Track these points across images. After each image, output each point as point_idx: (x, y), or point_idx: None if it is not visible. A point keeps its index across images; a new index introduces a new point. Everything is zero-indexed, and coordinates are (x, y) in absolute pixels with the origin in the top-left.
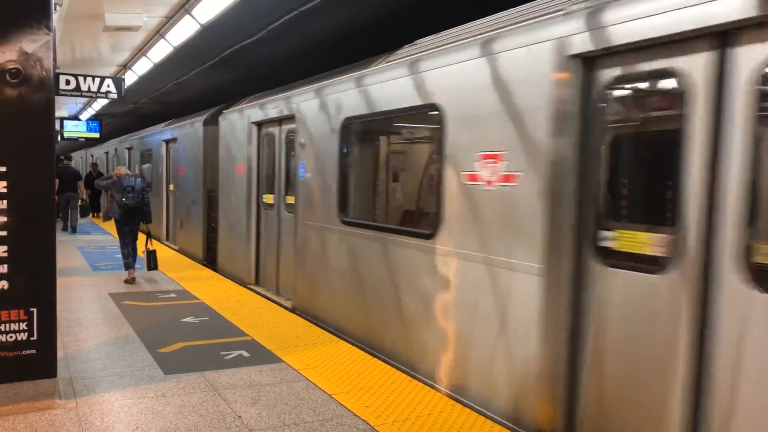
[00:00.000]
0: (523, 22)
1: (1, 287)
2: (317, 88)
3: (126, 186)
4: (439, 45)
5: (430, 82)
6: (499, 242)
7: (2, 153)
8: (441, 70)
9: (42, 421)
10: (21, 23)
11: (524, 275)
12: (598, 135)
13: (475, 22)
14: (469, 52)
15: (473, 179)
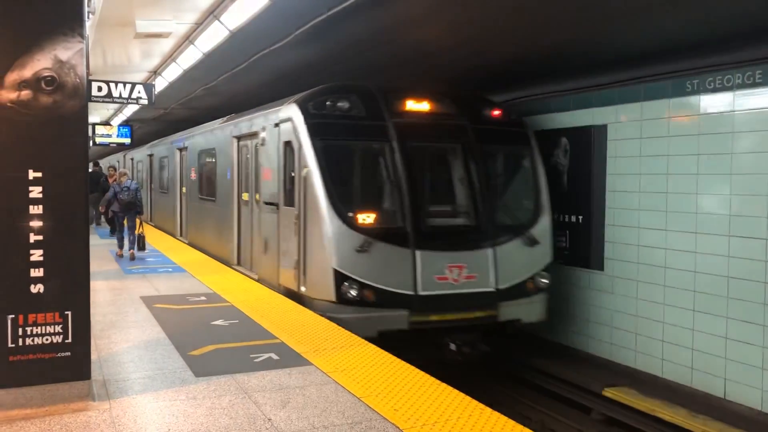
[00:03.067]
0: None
1: (36, 290)
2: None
3: (123, 187)
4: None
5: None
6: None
7: (38, 159)
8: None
9: (77, 423)
10: (55, 31)
11: (271, 214)
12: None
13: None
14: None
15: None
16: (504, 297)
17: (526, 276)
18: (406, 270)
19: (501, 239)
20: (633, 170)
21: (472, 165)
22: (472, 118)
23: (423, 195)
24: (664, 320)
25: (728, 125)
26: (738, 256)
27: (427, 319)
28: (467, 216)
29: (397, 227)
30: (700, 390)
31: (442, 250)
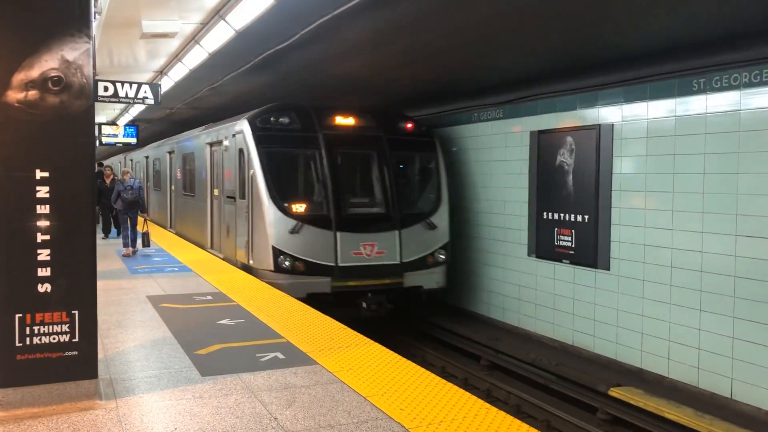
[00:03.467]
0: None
1: (44, 290)
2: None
3: (126, 186)
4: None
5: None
6: (229, 192)
7: (45, 159)
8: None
9: (84, 422)
10: (62, 32)
11: (231, 206)
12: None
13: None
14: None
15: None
16: (408, 268)
17: (426, 252)
18: (328, 247)
19: (406, 224)
20: (639, 170)
21: (384, 167)
22: (387, 130)
23: (344, 190)
24: (670, 320)
25: (735, 124)
26: (745, 255)
27: (346, 284)
28: (379, 206)
29: (322, 214)
30: (706, 390)
31: (357, 231)
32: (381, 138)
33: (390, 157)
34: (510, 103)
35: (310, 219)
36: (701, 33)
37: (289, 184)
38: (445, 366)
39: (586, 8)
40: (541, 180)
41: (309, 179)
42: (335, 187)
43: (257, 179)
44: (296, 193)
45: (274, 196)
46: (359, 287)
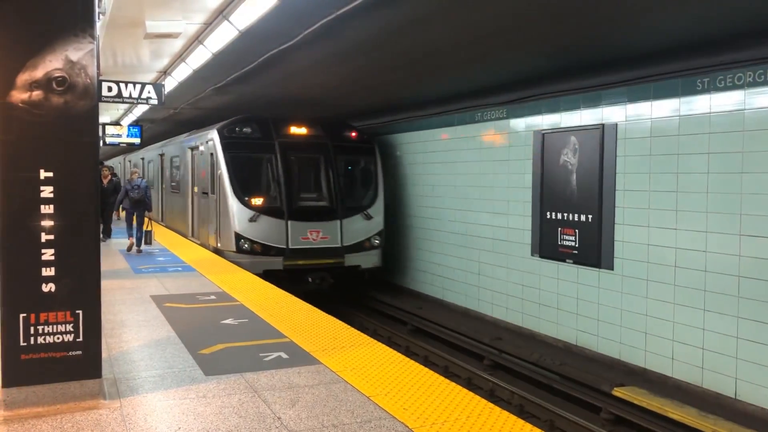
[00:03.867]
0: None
1: (48, 289)
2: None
3: (133, 185)
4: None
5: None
6: (204, 188)
7: (49, 159)
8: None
9: (88, 421)
10: (66, 32)
11: (205, 200)
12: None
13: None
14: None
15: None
16: (348, 251)
17: (363, 238)
18: (281, 233)
19: (347, 215)
20: (643, 169)
21: (329, 168)
22: (333, 138)
23: (294, 187)
24: (674, 320)
25: (739, 124)
26: (749, 255)
27: (295, 263)
28: (324, 200)
29: (276, 206)
30: (710, 390)
31: (305, 220)
32: (327, 144)
33: (334, 160)
34: (513, 103)
35: (266, 210)
36: (705, 32)
37: (249, 182)
38: (448, 366)
39: (589, 8)
40: (545, 180)
41: (266, 178)
42: (287, 185)
43: (223, 178)
44: (255, 189)
45: (236, 191)
46: (307, 266)
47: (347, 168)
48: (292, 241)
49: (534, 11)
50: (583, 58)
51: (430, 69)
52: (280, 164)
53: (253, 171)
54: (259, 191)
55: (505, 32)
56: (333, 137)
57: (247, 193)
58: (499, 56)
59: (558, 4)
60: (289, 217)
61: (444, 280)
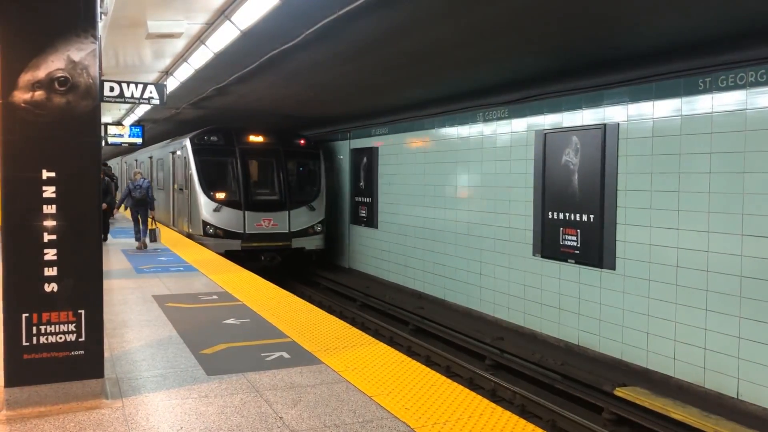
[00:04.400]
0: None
1: (50, 289)
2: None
3: (136, 185)
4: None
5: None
6: (180, 185)
7: (51, 159)
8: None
9: (90, 421)
10: (69, 33)
11: (181, 195)
12: (174, 167)
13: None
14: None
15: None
16: (294, 236)
17: (307, 225)
18: (239, 220)
19: (294, 207)
20: (645, 169)
21: (280, 170)
22: (284, 145)
23: (251, 184)
24: (676, 320)
25: (741, 123)
26: (751, 255)
27: (251, 245)
28: (275, 195)
29: (236, 200)
30: (712, 390)
31: (259, 211)
32: (279, 150)
33: (285, 163)
34: (515, 103)
35: (228, 203)
36: (707, 32)
37: (214, 180)
38: (449, 365)
39: (591, 8)
40: (547, 180)
41: (228, 177)
42: (245, 182)
43: (194, 177)
44: (219, 186)
45: (204, 187)
46: (260, 247)
47: (297, 169)
48: (248, 227)
49: (536, 11)
50: (585, 57)
51: (431, 69)
52: (239, 166)
53: (218, 171)
54: (222, 187)
55: (507, 32)
56: (284, 144)
57: (212, 189)
58: (501, 56)
59: (560, 3)
60: (245, 208)
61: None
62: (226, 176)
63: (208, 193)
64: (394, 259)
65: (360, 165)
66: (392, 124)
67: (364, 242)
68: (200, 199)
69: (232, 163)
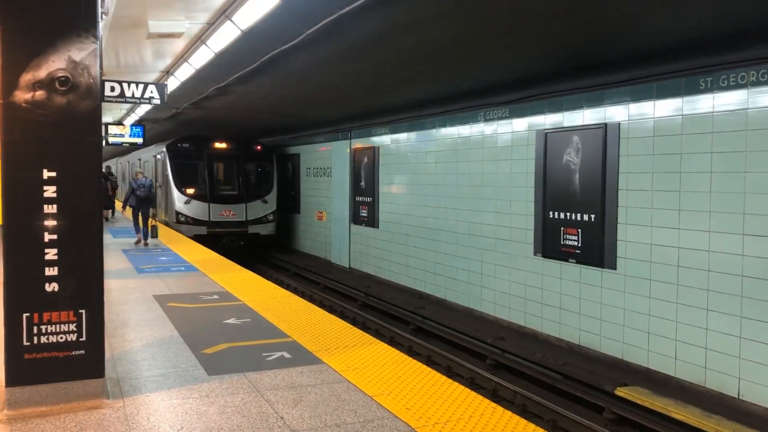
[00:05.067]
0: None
1: (51, 289)
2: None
3: (139, 184)
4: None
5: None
6: (161, 183)
7: (52, 158)
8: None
9: (91, 420)
10: (70, 32)
11: (161, 191)
12: (157, 168)
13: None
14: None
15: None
16: (250, 223)
17: (261, 215)
18: (205, 211)
19: (250, 200)
20: (646, 168)
21: (239, 170)
22: (243, 150)
23: (215, 182)
24: (677, 319)
25: (742, 123)
26: (752, 254)
27: (214, 231)
28: (235, 191)
29: (203, 194)
30: (713, 390)
31: (221, 203)
32: (238, 154)
33: (243, 165)
34: (516, 102)
35: (196, 196)
36: (708, 32)
37: (186, 179)
38: (450, 365)
39: (591, 7)
40: (548, 179)
41: (197, 177)
42: (210, 180)
43: (169, 176)
44: (189, 183)
45: (177, 185)
46: (222, 232)
47: (253, 169)
48: (212, 216)
49: (536, 11)
50: (586, 57)
51: (432, 69)
52: (206, 168)
53: (189, 172)
54: (192, 184)
55: (507, 32)
56: (243, 149)
57: (184, 186)
58: (502, 56)
59: (561, 3)
60: (210, 201)
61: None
62: (195, 175)
63: (181, 189)
64: (395, 258)
65: (361, 165)
66: (393, 123)
67: (365, 242)
68: (174, 193)
69: (200, 165)
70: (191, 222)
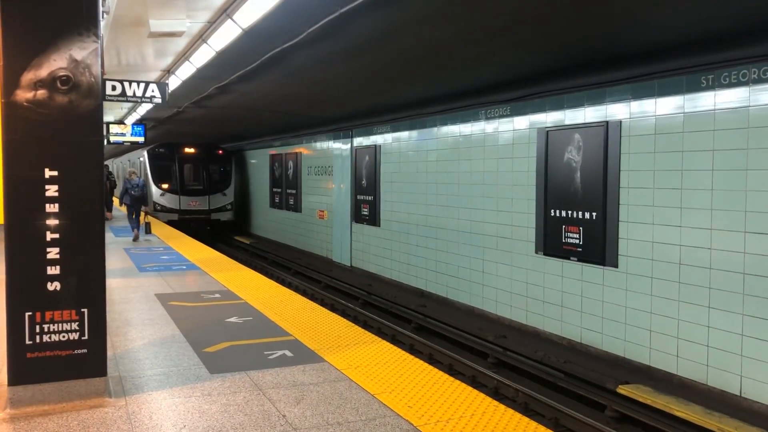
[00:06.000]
0: (138, 152)
1: (53, 288)
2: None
3: (133, 185)
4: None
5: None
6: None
7: (54, 158)
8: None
9: (93, 419)
10: (71, 32)
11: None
12: (141, 168)
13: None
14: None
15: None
16: (213, 212)
17: (221, 205)
18: (177, 201)
19: (212, 193)
20: (647, 166)
21: (204, 170)
22: (207, 153)
23: (185, 179)
24: (679, 317)
25: (744, 120)
26: (754, 252)
27: (185, 217)
28: (200, 185)
29: (175, 188)
30: (715, 387)
31: (189, 195)
32: (203, 157)
33: (207, 165)
34: (517, 100)
35: (170, 190)
36: (709, 29)
37: (161, 176)
38: (452, 363)
39: (593, 5)
40: (549, 177)
41: (170, 175)
42: (180, 178)
43: (148, 174)
44: (164, 180)
45: (155, 181)
46: (190, 218)
47: (215, 169)
48: (182, 205)
49: (537, 8)
50: (587, 55)
51: (433, 67)
52: (177, 168)
53: (164, 171)
54: (166, 181)
55: (509, 30)
56: (207, 153)
57: (160, 182)
58: (503, 54)
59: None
60: (181, 194)
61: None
62: (169, 174)
63: (158, 184)
64: (397, 257)
65: (362, 163)
66: (394, 122)
67: (367, 240)
68: (152, 188)
69: (173, 166)
70: (166, 210)
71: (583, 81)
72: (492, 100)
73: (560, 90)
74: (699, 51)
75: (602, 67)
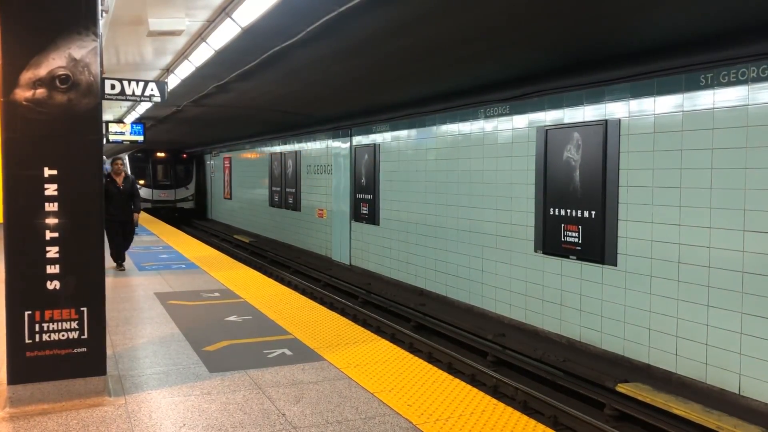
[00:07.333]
0: (126, 154)
1: (53, 287)
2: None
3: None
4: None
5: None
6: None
7: (53, 157)
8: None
9: (93, 418)
10: (70, 30)
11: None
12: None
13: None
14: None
15: None
16: (178, 202)
17: (184, 197)
18: (150, 193)
19: (178, 187)
20: (646, 165)
21: (171, 169)
22: (174, 156)
23: (158, 177)
24: (678, 316)
25: (743, 119)
26: (753, 251)
27: (156, 206)
28: (169, 181)
29: (149, 183)
30: (714, 386)
31: (160, 189)
32: (171, 159)
33: (174, 166)
34: (516, 99)
35: (145, 185)
36: (708, 27)
37: (139, 174)
38: (451, 362)
39: (592, 3)
40: (548, 176)
41: (145, 174)
42: (153, 176)
43: (131, 174)
44: (141, 176)
45: (135, 179)
46: (161, 206)
47: (180, 169)
48: (154, 197)
49: (536, 7)
50: (586, 54)
51: (432, 66)
52: (151, 168)
53: (141, 170)
54: (143, 178)
55: (508, 29)
56: (174, 156)
57: (137, 178)
58: (502, 53)
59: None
60: (153, 187)
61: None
62: (144, 173)
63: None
64: (396, 255)
65: (361, 162)
66: (393, 121)
67: (366, 239)
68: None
69: (148, 167)
70: (142, 200)
71: (583, 79)
72: (491, 98)
73: (559, 89)
74: (698, 49)
75: (601, 66)
